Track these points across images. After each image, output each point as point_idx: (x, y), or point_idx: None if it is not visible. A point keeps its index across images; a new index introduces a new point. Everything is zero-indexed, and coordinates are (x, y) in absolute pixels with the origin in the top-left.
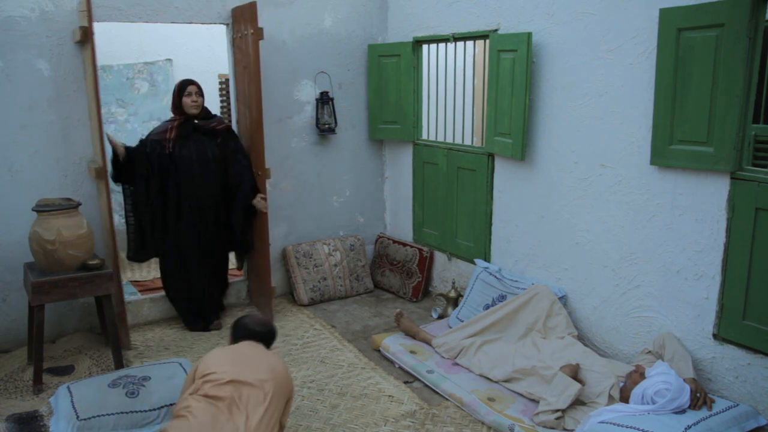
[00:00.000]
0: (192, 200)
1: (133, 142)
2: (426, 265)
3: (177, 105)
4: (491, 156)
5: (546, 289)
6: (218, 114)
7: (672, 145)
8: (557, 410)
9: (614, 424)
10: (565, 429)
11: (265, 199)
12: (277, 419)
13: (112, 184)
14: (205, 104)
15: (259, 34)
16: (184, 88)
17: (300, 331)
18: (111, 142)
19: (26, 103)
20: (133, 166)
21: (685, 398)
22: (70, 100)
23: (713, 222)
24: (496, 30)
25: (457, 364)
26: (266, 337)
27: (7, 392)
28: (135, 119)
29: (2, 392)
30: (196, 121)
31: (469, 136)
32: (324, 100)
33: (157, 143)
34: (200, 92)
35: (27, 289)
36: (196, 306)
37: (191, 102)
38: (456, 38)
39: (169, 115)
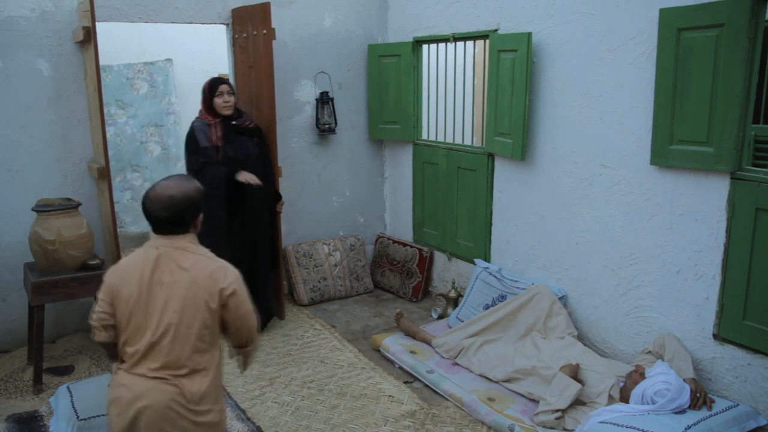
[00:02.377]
0: (243, 204)
1: (132, 146)
2: (426, 265)
3: (209, 105)
4: (491, 156)
5: (546, 289)
6: None
7: (672, 145)
8: (557, 410)
9: (614, 424)
10: (565, 429)
11: (283, 204)
12: (199, 330)
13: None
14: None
15: (272, 34)
16: (215, 87)
17: (300, 331)
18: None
19: (26, 103)
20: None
21: (685, 398)
22: (70, 100)
23: (713, 222)
24: (496, 30)
25: (457, 364)
26: (175, 222)
27: (7, 392)
28: (134, 122)
29: (2, 392)
30: (233, 122)
31: (469, 136)
32: (324, 100)
33: (208, 150)
34: (232, 91)
35: (27, 289)
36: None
37: (223, 102)
38: (456, 38)
39: (167, 118)
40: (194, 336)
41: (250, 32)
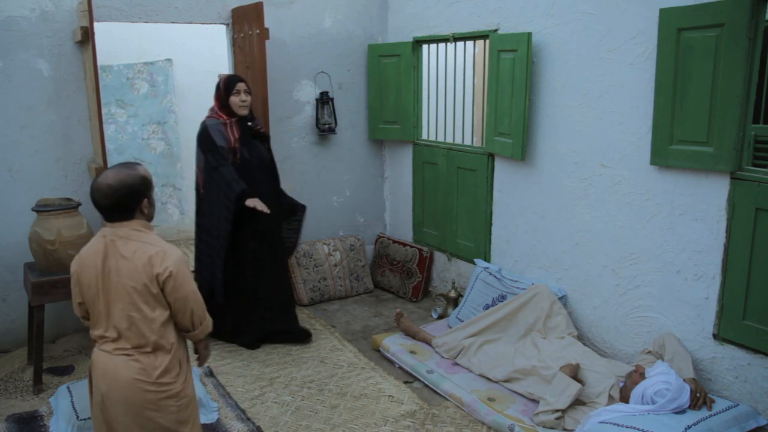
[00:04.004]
0: (256, 211)
1: (134, 143)
2: (426, 265)
3: (224, 103)
4: (491, 156)
5: (546, 289)
6: None
7: (672, 145)
8: (557, 410)
9: (614, 424)
10: (565, 429)
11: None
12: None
13: None
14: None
15: (265, 34)
16: (232, 85)
17: None
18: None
19: (26, 103)
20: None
21: (685, 398)
22: (70, 100)
23: (713, 222)
24: (496, 30)
25: (457, 364)
26: (117, 210)
27: (7, 392)
28: (135, 121)
29: (2, 392)
30: (249, 123)
31: (469, 136)
32: (324, 100)
33: (224, 150)
34: (249, 90)
35: (27, 289)
36: (254, 318)
37: (240, 102)
38: (456, 38)
39: (169, 116)
40: (149, 320)
41: (246, 32)
